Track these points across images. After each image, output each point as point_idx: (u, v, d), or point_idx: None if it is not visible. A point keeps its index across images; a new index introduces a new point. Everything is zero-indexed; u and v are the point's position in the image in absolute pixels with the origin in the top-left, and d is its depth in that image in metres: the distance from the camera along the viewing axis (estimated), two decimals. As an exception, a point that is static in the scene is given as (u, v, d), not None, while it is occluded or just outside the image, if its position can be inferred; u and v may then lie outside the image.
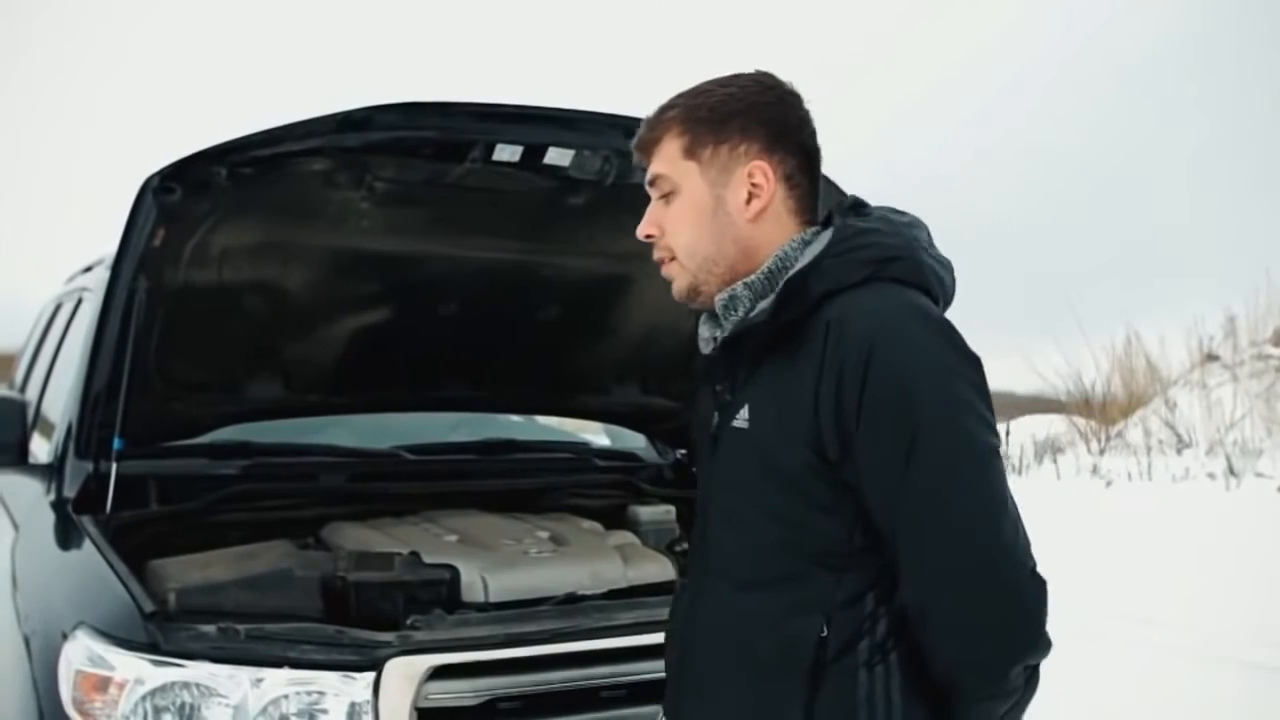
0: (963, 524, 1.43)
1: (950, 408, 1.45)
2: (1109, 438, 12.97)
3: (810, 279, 1.52)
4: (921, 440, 1.42)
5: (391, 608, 2.44)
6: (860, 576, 1.49)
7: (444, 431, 3.87)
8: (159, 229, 2.46)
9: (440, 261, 3.06)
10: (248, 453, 3.03)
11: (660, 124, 1.64)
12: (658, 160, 1.64)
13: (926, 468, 1.42)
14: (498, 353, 3.44)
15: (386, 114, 2.35)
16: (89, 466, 2.66)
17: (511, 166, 2.50)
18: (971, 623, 1.43)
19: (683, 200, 1.62)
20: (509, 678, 2.16)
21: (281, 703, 2.01)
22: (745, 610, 1.54)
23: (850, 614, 1.48)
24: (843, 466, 1.46)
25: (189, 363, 2.94)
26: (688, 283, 1.63)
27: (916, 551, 1.44)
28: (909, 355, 1.45)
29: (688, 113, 1.62)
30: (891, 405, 1.43)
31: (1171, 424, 12.08)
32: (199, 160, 2.36)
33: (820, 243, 1.58)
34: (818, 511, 1.49)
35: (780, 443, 1.50)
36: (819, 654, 1.46)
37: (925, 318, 1.50)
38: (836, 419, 1.45)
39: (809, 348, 1.49)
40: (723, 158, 1.60)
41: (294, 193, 2.59)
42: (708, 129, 1.61)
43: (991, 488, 1.45)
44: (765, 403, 1.54)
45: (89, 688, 2.03)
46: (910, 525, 1.43)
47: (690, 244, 1.61)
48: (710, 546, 1.63)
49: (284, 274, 2.91)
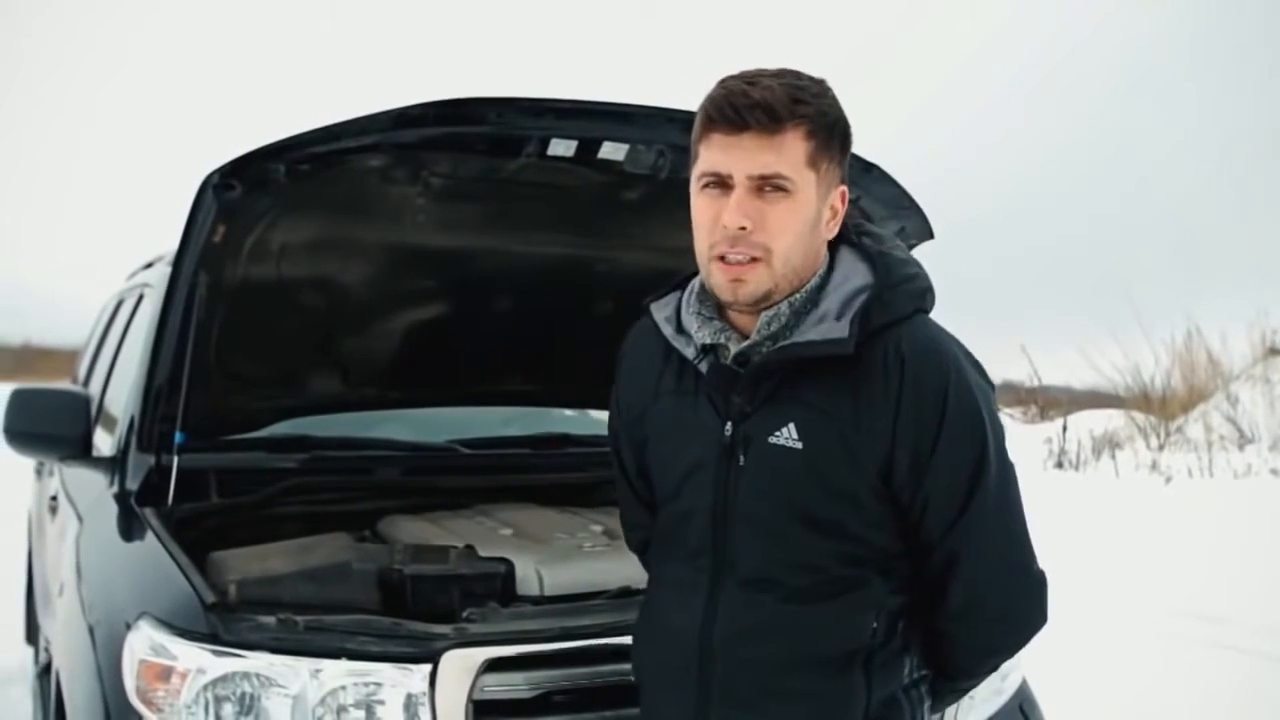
0: (1016, 536, 1.67)
1: (1000, 435, 1.65)
2: (1169, 433, 12.79)
3: (873, 310, 1.58)
4: (986, 464, 1.60)
5: (447, 600, 2.45)
6: (898, 575, 1.65)
7: (498, 426, 3.88)
8: (219, 225, 2.49)
9: (495, 256, 3.07)
10: (306, 446, 3.05)
11: (791, 118, 1.53)
12: (780, 156, 1.53)
13: (990, 491, 1.61)
14: (552, 347, 3.45)
15: (442, 110, 2.36)
16: (151, 460, 2.69)
17: (566, 161, 2.50)
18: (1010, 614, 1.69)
19: (795, 204, 1.55)
20: (563, 670, 2.16)
21: (340, 694, 2.03)
22: (799, 616, 1.61)
23: (893, 605, 1.64)
24: (904, 490, 1.60)
25: (249, 357, 2.97)
26: (767, 288, 1.58)
27: (978, 559, 1.63)
28: (971, 389, 1.61)
29: (820, 117, 1.55)
30: (965, 434, 1.59)
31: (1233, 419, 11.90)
32: (258, 157, 2.39)
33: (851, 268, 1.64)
34: (870, 526, 1.61)
35: (846, 465, 1.58)
36: (872, 643, 1.62)
37: (965, 352, 1.66)
38: (913, 449, 1.57)
39: (876, 378, 1.57)
40: (830, 176, 1.59)
41: (350, 189, 2.61)
42: (829, 141, 1.57)
43: (1021, 500, 1.69)
44: (824, 425, 1.58)
45: (152, 677, 2.06)
46: (974, 539, 1.62)
47: (790, 249, 1.57)
48: (740, 557, 1.64)
49: (341, 269, 2.94)
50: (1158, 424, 13.07)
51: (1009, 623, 1.70)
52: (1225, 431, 11.82)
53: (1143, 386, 13.67)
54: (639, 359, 1.82)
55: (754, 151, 1.52)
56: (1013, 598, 1.68)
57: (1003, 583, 1.66)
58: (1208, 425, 12.08)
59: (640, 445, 1.82)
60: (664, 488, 1.77)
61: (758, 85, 1.52)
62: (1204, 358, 13.54)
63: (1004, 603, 1.67)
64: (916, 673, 1.68)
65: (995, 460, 1.62)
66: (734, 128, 1.52)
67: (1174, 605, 6.49)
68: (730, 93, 1.53)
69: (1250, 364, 13.23)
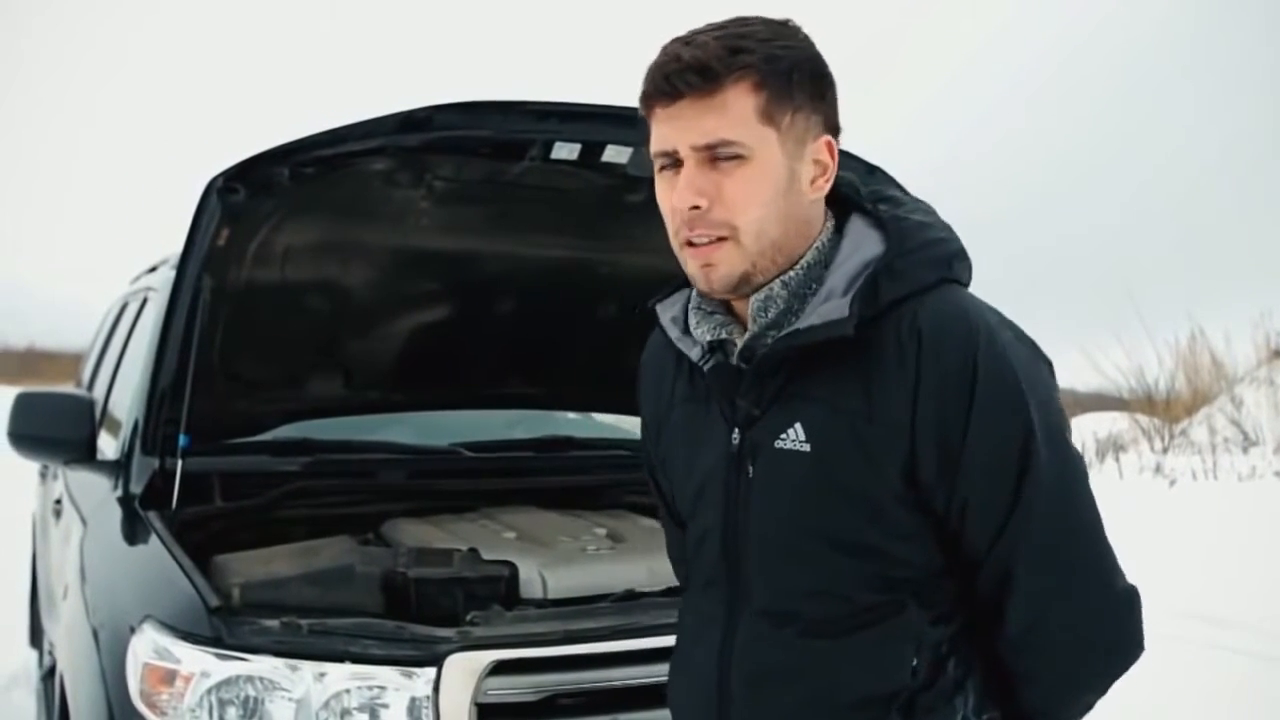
0: (1086, 542, 1.37)
1: (1056, 421, 1.36)
2: (1173, 436, 12.77)
3: (880, 284, 1.35)
4: (1035, 458, 1.32)
5: (451, 604, 2.45)
6: (940, 598, 1.39)
7: (502, 429, 3.88)
8: (223, 229, 2.50)
9: (499, 259, 3.07)
10: (309, 449, 3.06)
11: (729, 71, 1.31)
12: (719, 116, 1.31)
13: (1043, 487, 1.33)
14: (556, 350, 3.45)
15: (446, 113, 2.36)
16: (155, 463, 2.70)
17: (570, 164, 2.51)
18: (1087, 640, 1.38)
19: (754, 169, 1.33)
20: (568, 674, 2.16)
21: (343, 697, 2.03)
22: (822, 652, 1.39)
23: (934, 635, 1.38)
24: (936, 492, 1.34)
25: (252, 361, 2.98)
26: (742, 269, 1.36)
27: (1035, 571, 1.35)
28: (1012, 366, 1.33)
29: (769, 63, 1.32)
30: (1001, 419, 1.32)
31: (1238, 421, 11.88)
32: (262, 161, 2.39)
33: (862, 237, 1.41)
34: (899, 540, 1.36)
35: (863, 468, 1.34)
36: (913, 684, 1.36)
37: (1011, 325, 1.39)
38: (939, 439, 1.31)
39: (890, 359, 1.33)
40: (800, 127, 1.35)
41: (355, 192, 2.61)
42: (789, 88, 1.33)
43: (1095, 504, 1.39)
44: (833, 422, 1.35)
45: (155, 680, 2.07)
46: (1029, 545, 1.34)
47: (760, 221, 1.34)
48: (755, 585, 1.43)
49: (345, 272, 2.94)
50: (1162, 426, 13.04)
51: (1087, 652, 1.38)
52: (1229, 434, 11.80)
53: (1146, 389, 13.64)
54: (654, 368, 1.64)
55: (694, 119, 1.32)
56: (1087, 620, 1.37)
57: (1073, 601, 1.36)
58: (1212, 428, 12.05)
59: (663, 464, 1.61)
60: (683, 509, 1.56)
61: (692, 44, 1.32)
62: (1208, 360, 13.52)
63: (1076, 627, 1.37)
64: (975, 717, 1.39)
65: (1047, 446, 1.33)
66: (669, 98, 1.33)
67: (1178, 607, 6.47)
68: (664, 59, 1.34)
69: (1254, 366, 13.20)
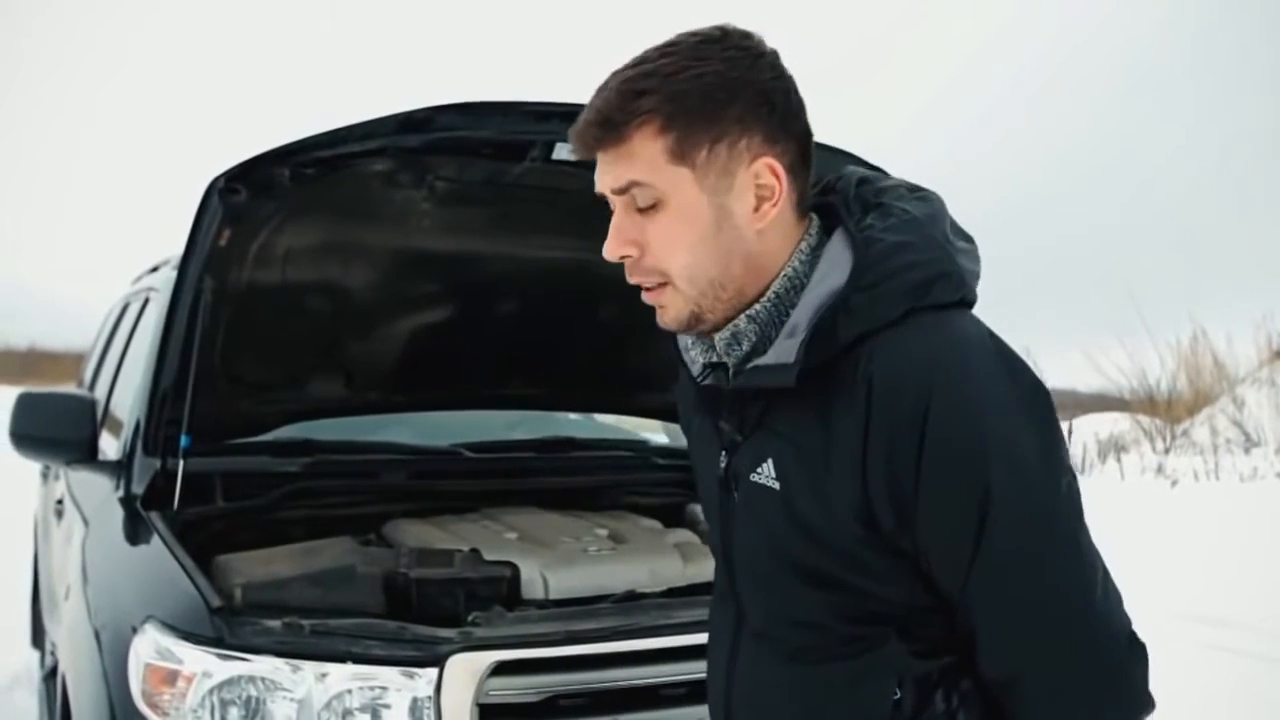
0: (1053, 599, 1.25)
1: (1024, 463, 1.24)
2: (1174, 436, 12.78)
3: (839, 321, 1.26)
4: (995, 506, 1.22)
5: (453, 604, 2.45)
6: (927, 632, 1.32)
7: (503, 429, 3.89)
8: (224, 230, 2.50)
9: (500, 260, 3.07)
10: (310, 450, 3.06)
11: (629, 119, 1.27)
12: (629, 164, 1.29)
13: (1004, 538, 1.23)
14: (557, 351, 3.45)
15: (447, 114, 2.36)
16: (156, 463, 2.70)
17: (571, 165, 2.50)
18: (1073, 692, 1.27)
19: (672, 214, 1.30)
20: (569, 675, 2.16)
21: (345, 697, 2.03)
22: (803, 680, 1.36)
23: (921, 668, 1.31)
24: (900, 535, 1.26)
25: (254, 361, 2.98)
26: (688, 311, 1.34)
27: (1001, 627, 1.26)
28: (972, 408, 1.23)
29: (674, 101, 1.26)
30: (957, 469, 1.22)
31: (1239, 422, 11.88)
32: (262, 162, 2.39)
33: (835, 261, 1.31)
34: (871, 579, 1.29)
35: (821, 513, 1.28)
36: (895, 716, 1.30)
37: (982, 352, 1.27)
38: (890, 488, 1.24)
39: (844, 402, 1.26)
40: (721, 158, 1.28)
41: (355, 193, 2.61)
42: (700, 122, 1.27)
43: (1079, 549, 1.27)
44: (794, 464, 1.31)
45: (157, 681, 2.07)
46: (990, 600, 1.26)
47: (689, 267, 1.31)
48: (747, 606, 1.43)
49: (346, 273, 2.94)
50: (1163, 427, 13.05)
51: (1071, 702, 1.27)
52: (1231, 435, 11.80)
53: (1148, 389, 13.66)
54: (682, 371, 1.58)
55: (608, 166, 1.32)
56: (1069, 672, 1.26)
57: (1048, 653, 1.26)
58: (1213, 428, 12.06)
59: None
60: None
61: (599, 95, 1.31)
62: (1209, 360, 13.53)
63: (1055, 677, 1.27)
64: None
65: (1013, 493, 1.23)
66: (585, 152, 1.33)
67: (1180, 609, 6.47)
68: (582, 111, 1.32)
69: (1256, 367, 13.21)
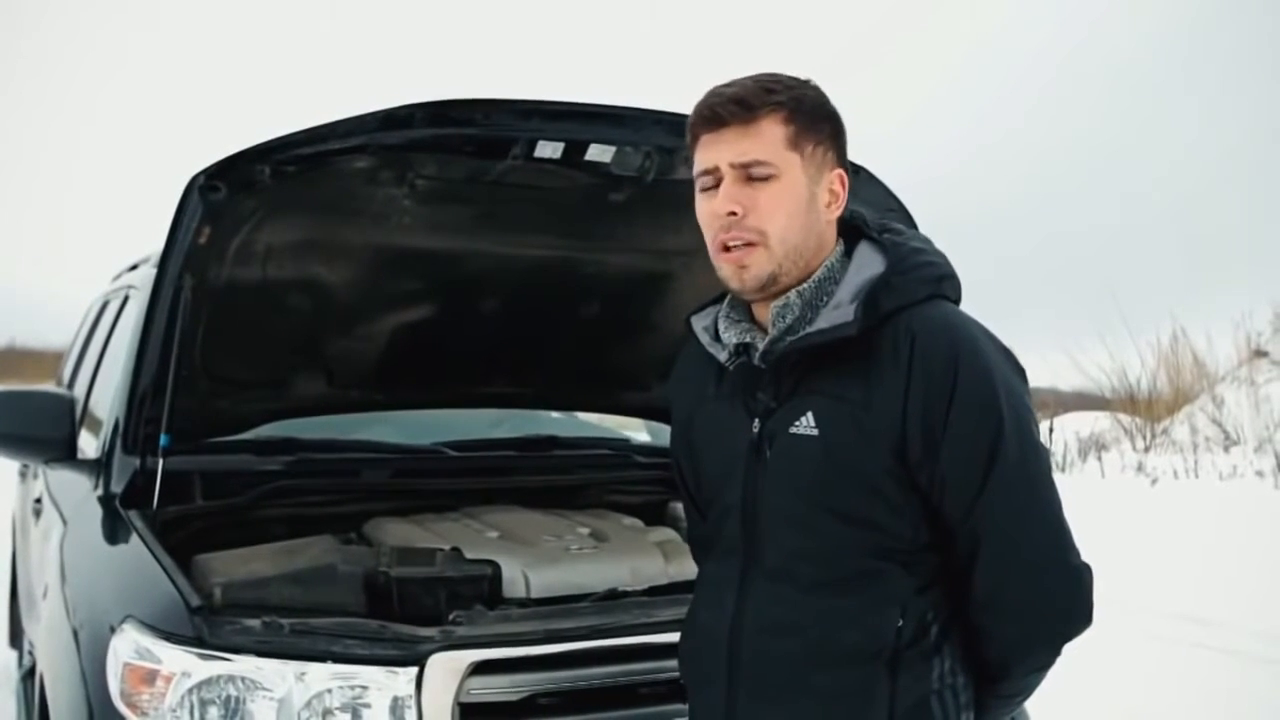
0: (1042, 520, 1.63)
1: (1024, 418, 1.63)
2: (1154, 435, 12.85)
3: (880, 295, 1.62)
4: (1004, 445, 1.59)
5: (434, 603, 2.45)
6: (925, 570, 1.64)
7: (485, 428, 3.88)
8: (204, 227, 2.49)
9: (482, 258, 3.07)
10: (291, 449, 3.05)
11: (764, 105, 1.62)
12: (757, 142, 1.62)
13: (1009, 468, 1.59)
14: (539, 349, 3.45)
15: (428, 111, 2.36)
16: (136, 462, 2.68)
17: (553, 163, 2.50)
18: (1040, 604, 1.63)
19: (782, 186, 1.62)
20: (550, 673, 2.16)
21: (325, 697, 2.02)
22: (821, 609, 1.63)
23: (919, 604, 1.63)
24: (921, 470, 1.60)
25: (234, 359, 2.97)
26: (770, 270, 1.64)
27: (999, 542, 1.61)
28: (988, 369, 1.61)
29: (795, 103, 1.63)
30: (976, 413, 1.59)
31: (1219, 421, 11.96)
32: (243, 159, 2.38)
33: (867, 258, 1.68)
34: (889, 513, 1.61)
35: (862, 448, 1.60)
36: (897, 643, 1.61)
37: (983, 332, 1.66)
38: (924, 424, 1.58)
39: (886, 359, 1.60)
40: (818, 158, 1.65)
41: (337, 191, 2.60)
42: (811, 125, 1.64)
43: (1055, 488, 1.65)
44: (838, 411, 1.62)
45: (136, 680, 2.06)
46: (995, 519, 1.60)
47: (785, 229, 1.62)
48: (767, 549, 1.68)
49: (327, 271, 2.93)
50: (1144, 426, 13.12)
51: (1038, 614, 1.64)
52: (1210, 433, 11.88)
53: (1129, 388, 13.73)
54: (688, 371, 1.87)
55: (733, 141, 1.62)
56: (1041, 586, 1.62)
57: (1029, 569, 1.62)
58: (1193, 427, 12.13)
59: (691, 455, 1.86)
60: (709, 492, 1.82)
61: (733, 84, 1.64)
62: (1189, 360, 13.61)
63: (1030, 591, 1.63)
64: (951, 677, 1.65)
65: (1015, 440, 1.60)
66: (713, 125, 1.63)
67: (1160, 607, 6.51)
68: (709, 96, 1.65)
69: (1235, 366, 13.29)
